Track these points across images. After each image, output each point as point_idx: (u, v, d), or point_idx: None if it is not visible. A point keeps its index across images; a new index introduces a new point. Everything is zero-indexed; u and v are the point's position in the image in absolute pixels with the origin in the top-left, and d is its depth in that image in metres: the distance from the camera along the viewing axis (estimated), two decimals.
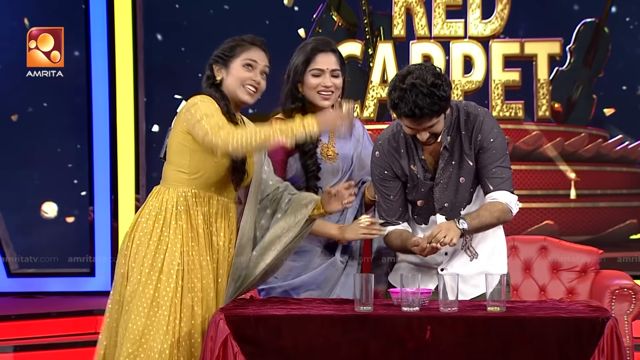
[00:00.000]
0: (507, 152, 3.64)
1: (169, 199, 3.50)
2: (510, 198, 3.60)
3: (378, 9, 7.53)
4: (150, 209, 3.51)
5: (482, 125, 3.61)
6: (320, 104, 3.81)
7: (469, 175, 3.64)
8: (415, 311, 3.21)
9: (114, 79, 7.44)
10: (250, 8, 7.48)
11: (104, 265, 7.40)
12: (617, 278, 4.67)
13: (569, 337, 3.06)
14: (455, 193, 3.66)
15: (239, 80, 3.54)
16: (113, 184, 7.45)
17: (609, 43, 7.31)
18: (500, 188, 3.59)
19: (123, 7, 7.44)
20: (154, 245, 3.44)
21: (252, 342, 3.18)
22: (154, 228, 3.46)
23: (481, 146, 3.60)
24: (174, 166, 3.54)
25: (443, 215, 3.68)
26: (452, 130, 3.63)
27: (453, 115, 3.64)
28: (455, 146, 3.64)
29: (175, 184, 3.52)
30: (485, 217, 3.55)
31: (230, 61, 3.55)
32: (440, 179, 3.65)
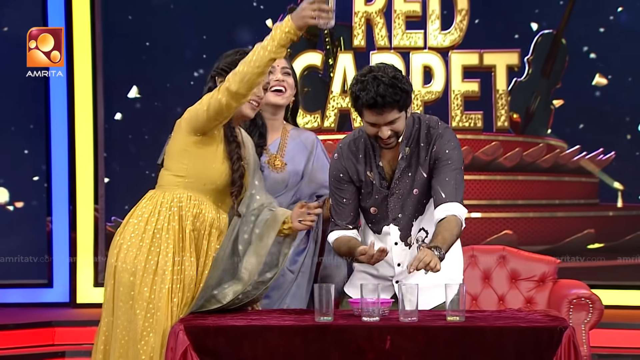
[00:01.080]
0: (461, 168, 3.63)
1: (164, 201, 3.49)
2: (463, 211, 3.58)
3: (338, 20, 7.53)
4: (142, 211, 3.50)
5: (440, 138, 3.63)
6: (274, 100, 3.84)
7: (422, 186, 3.65)
8: (376, 321, 3.21)
9: (72, 89, 7.38)
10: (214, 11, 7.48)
11: (62, 276, 7.33)
12: (575, 287, 4.71)
13: (527, 346, 3.09)
14: (408, 204, 3.66)
15: None
16: (71, 194, 7.38)
17: (567, 54, 7.39)
18: (453, 200, 3.57)
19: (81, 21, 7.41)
20: (146, 247, 3.43)
21: (212, 353, 3.16)
22: (146, 230, 3.45)
23: (437, 157, 3.61)
24: (171, 171, 3.53)
25: (396, 226, 3.69)
26: (411, 141, 3.65)
27: (414, 127, 3.65)
28: (413, 158, 3.65)
29: (171, 188, 3.52)
30: (449, 239, 3.51)
31: None
32: (396, 189, 3.66)
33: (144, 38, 7.54)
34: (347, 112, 7.40)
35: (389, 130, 3.54)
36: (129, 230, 3.48)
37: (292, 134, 3.93)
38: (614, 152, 7.35)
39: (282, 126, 3.93)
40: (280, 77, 3.83)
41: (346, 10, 7.47)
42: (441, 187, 3.58)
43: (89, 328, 6.52)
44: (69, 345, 6.47)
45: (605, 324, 5.35)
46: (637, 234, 7.31)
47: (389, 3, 7.40)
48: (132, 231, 3.47)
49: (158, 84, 7.55)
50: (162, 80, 7.53)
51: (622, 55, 7.32)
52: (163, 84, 7.53)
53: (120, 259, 3.45)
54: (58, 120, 7.40)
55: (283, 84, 3.83)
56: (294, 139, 3.92)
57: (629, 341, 6.34)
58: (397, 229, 3.69)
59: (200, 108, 3.42)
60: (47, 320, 6.66)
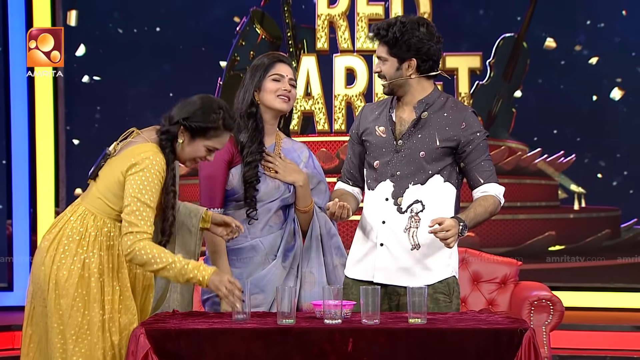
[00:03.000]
0: (488, 147, 3.77)
1: (94, 225, 3.46)
2: (500, 189, 3.72)
3: (301, 22, 7.57)
4: (73, 232, 3.46)
5: (469, 117, 3.73)
6: (279, 106, 3.89)
7: (430, 151, 3.70)
8: (338, 324, 3.22)
9: (33, 90, 7.33)
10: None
11: (22, 279, 7.26)
12: (536, 289, 4.75)
13: (488, 348, 3.10)
14: (410, 165, 3.71)
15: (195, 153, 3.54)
16: (32, 196, 7.32)
17: (528, 58, 7.45)
18: (490, 180, 3.71)
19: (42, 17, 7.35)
20: (76, 272, 3.41)
21: (173, 357, 3.14)
22: (77, 253, 3.43)
23: (467, 140, 3.69)
24: (105, 199, 3.48)
25: (392, 182, 3.72)
26: (432, 106, 3.73)
27: (440, 98, 3.76)
28: (430, 122, 3.71)
29: (102, 215, 3.48)
30: (480, 215, 3.66)
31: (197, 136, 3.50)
32: (403, 147, 3.72)
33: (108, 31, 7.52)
34: (310, 114, 7.41)
35: (379, 67, 3.75)
36: (60, 250, 3.44)
37: (285, 142, 4.00)
38: (574, 155, 7.42)
39: (275, 133, 3.98)
40: (288, 87, 3.91)
41: (309, 13, 7.48)
42: (478, 173, 3.71)
43: None
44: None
45: (565, 326, 5.40)
46: (597, 236, 7.39)
47: (352, 6, 7.42)
48: (63, 252, 3.44)
49: (121, 89, 7.53)
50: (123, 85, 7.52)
51: (585, 58, 7.40)
52: (125, 89, 7.52)
53: (52, 278, 3.42)
54: (18, 122, 7.34)
55: (289, 94, 3.91)
56: (287, 148, 3.98)
57: (590, 342, 6.40)
58: (392, 185, 3.73)
59: (131, 203, 3.38)
60: (7, 324, 6.60)
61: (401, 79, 3.72)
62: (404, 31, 3.67)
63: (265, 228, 3.85)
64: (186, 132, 3.48)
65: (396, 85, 3.74)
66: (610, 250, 7.34)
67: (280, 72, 3.89)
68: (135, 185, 3.40)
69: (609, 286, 7.22)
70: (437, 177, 3.71)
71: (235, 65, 7.62)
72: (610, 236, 7.41)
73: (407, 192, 3.71)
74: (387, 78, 3.74)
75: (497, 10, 7.51)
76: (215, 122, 3.47)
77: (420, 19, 3.73)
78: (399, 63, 3.72)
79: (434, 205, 3.69)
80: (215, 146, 3.51)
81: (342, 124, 7.44)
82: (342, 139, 7.43)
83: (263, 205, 3.85)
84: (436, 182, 3.71)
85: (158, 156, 3.44)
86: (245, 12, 7.58)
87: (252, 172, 3.83)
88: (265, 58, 3.94)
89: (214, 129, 3.48)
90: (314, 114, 7.45)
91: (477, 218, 3.65)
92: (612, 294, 7.19)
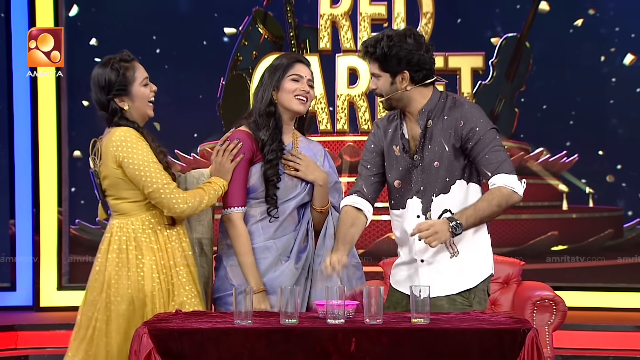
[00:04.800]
0: (496, 137, 3.65)
1: (135, 228, 3.67)
2: (509, 179, 3.60)
3: (304, 22, 7.57)
4: (119, 243, 3.65)
5: (466, 113, 3.67)
6: (297, 108, 3.90)
7: (442, 159, 3.68)
8: (340, 323, 3.22)
9: (35, 90, 7.33)
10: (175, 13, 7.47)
11: (25, 279, 7.27)
12: (539, 289, 4.74)
13: (491, 348, 3.10)
14: (430, 177, 3.70)
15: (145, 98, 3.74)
16: (35, 196, 7.33)
17: (530, 57, 7.44)
18: (498, 172, 3.61)
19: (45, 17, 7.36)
20: (134, 276, 3.62)
21: (176, 356, 3.14)
22: (129, 260, 3.63)
23: (467, 136, 3.64)
24: (124, 200, 3.69)
25: (419, 198, 3.72)
26: (434, 113, 3.70)
27: (440, 100, 3.72)
28: (435, 130, 3.69)
29: (136, 213, 3.68)
30: (483, 210, 3.60)
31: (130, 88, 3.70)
32: (419, 161, 3.71)
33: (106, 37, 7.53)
34: (313, 114, 7.41)
35: (374, 84, 3.75)
36: (112, 265, 3.64)
37: (301, 140, 4.00)
38: (577, 155, 7.42)
39: (292, 132, 4.00)
40: (307, 88, 3.92)
41: (312, 13, 7.48)
42: (484, 167, 3.63)
43: (52, 332, 6.49)
44: (32, 349, 6.42)
45: (568, 326, 5.39)
46: (600, 236, 7.39)
47: (354, 6, 7.42)
48: (115, 265, 3.63)
49: None
50: None
51: (584, 58, 7.40)
52: None
53: (112, 293, 3.61)
54: (21, 122, 7.34)
55: (307, 95, 3.92)
56: (304, 147, 3.99)
57: (592, 342, 6.40)
58: (420, 201, 3.72)
59: (142, 176, 3.61)
60: (10, 324, 6.60)
61: (397, 93, 3.70)
62: (391, 45, 3.64)
63: (279, 229, 3.85)
64: (122, 97, 3.68)
65: (394, 99, 3.72)
66: (612, 250, 7.34)
67: (299, 73, 3.90)
68: (132, 160, 3.59)
69: (611, 286, 7.22)
70: (459, 183, 3.69)
71: (237, 65, 7.63)
72: (613, 236, 7.41)
73: (434, 204, 3.70)
74: (382, 93, 3.72)
75: (500, 10, 7.51)
76: (125, 69, 3.68)
77: (407, 30, 3.70)
78: (392, 77, 3.69)
79: None
80: (143, 77, 3.70)
81: (345, 124, 7.44)
82: (345, 138, 7.43)
83: (279, 206, 3.86)
84: (460, 187, 3.69)
85: (126, 130, 3.64)
86: (249, 12, 7.59)
87: (273, 170, 3.84)
88: (284, 58, 3.94)
89: (131, 72, 3.69)
90: (316, 114, 7.45)
91: (478, 213, 3.59)
92: (615, 294, 7.19)
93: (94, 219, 7.42)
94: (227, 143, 3.79)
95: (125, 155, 3.60)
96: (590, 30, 7.42)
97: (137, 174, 3.59)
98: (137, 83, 3.69)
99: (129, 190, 3.65)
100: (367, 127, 7.38)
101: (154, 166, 3.61)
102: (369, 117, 7.39)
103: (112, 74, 3.67)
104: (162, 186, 3.59)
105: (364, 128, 7.40)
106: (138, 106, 3.70)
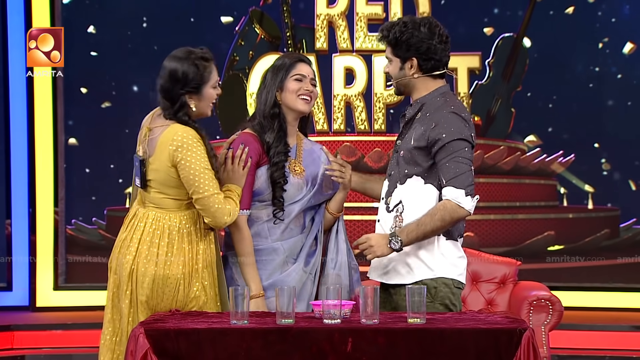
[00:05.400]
0: (464, 149, 3.61)
1: (171, 225, 3.66)
2: (457, 193, 3.57)
3: (300, 22, 7.56)
4: (152, 236, 3.65)
5: (441, 117, 3.65)
6: (301, 107, 3.89)
7: (407, 151, 3.70)
8: (337, 323, 3.22)
9: (32, 90, 7.32)
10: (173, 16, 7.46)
11: (21, 279, 7.26)
12: (535, 289, 4.74)
13: (487, 348, 3.10)
14: (397, 164, 3.75)
15: (210, 100, 3.74)
16: (31, 196, 7.31)
17: (527, 57, 7.45)
18: (449, 184, 3.59)
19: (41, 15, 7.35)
20: (160, 270, 3.61)
21: (172, 357, 3.15)
22: (158, 255, 3.63)
23: (434, 140, 3.63)
24: (166, 195, 3.68)
25: (388, 182, 3.79)
26: (425, 106, 3.72)
27: (437, 98, 3.73)
28: (417, 124, 3.72)
29: (175, 210, 3.69)
30: (425, 224, 3.60)
31: (202, 88, 3.69)
32: (398, 147, 3.77)
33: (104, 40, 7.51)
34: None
35: (387, 67, 3.82)
36: (142, 256, 3.64)
37: (305, 142, 4.00)
38: (573, 155, 7.42)
39: (296, 133, 3.99)
40: (310, 87, 3.92)
41: (308, 13, 7.48)
42: (441, 173, 3.63)
43: (49, 332, 6.48)
44: (29, 350, 6.41)
45: (565, 325, 5.40)
46: (597, 235, 7.39)
47: (351, 6, 7.42)
48: (144, 257, 3.63)
49: (120, 88, 7.53)
50: (123, 84, 7.52)
51: (583, 59, 7.40)
52: (124, 88, 7.52)
53: (137, 285, 3.63)
54: (17, 122, 7.33)
55: (311, 94, 3.93)
56: (307, 149, 3.99)
57: (589, 342, 6.41)
58: (387, 185, 3.79)
59: (195, 183, 3.60)
60: (6, 324, 6.59)
61: (405, 79, 3.75)
62: (403, 31, 3.69)
63: (286, 231, 3.85)
64: (191, 95, 3.67)
65: (401, 84, 3.78)
66: (609, 250, 7.34)
67: (302, 72, 3.90)
68: (190, 164, 3.58)
69: (608, 286, 7.22)
70: (415, 179, 3.70)
71: (234, 65, 7.62)
72: (610, 236, 7.42)
73: (395, 191, 3.74)
74: (392, 77, 3.80)
75: (497, 9, 7.51)
76: (204, 68, 3.69)
77: (424, 19, 3.74)
78: (401, 63, 3.75)
79: (413, 206, 3.68)
80: (216, 79, 3.72)
81: (342, 124, 7.44)
82: (341, 138, 7.43)
83: (285, 207, 3.85)
84: (415, 183, 3.70)
85: (188, 131, 3.62)
86: (245, 12, 7.58)
87: (279, 173, 3.83)
88: (286, 58, 3.94)
89: (208, 72, 3.69)
90: (313, 114, 7.44)
91: (420, 228, 3.59)
92: (612, 294, 7.19)
93: (91, 219, 7.42)
94: (232, 150, 3.77)
95: (183, 157, 3.58)
96: (585, 24, 7.42)
97: (191, 179, 3.58)
98: (210, 84, 3.69)
99: (177, 189, 3.65)
100: (363, 127, 7.38)
101: (209, 174, 3.60)
102: (365, 117, 7.39)
103: (190, 69, 3.66)
104: (212, 195, 3.59)
105: (361, 128, 7.40)
106: (202, 106, 3.70)
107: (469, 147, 3.63)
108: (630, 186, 7.41)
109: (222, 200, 3.61)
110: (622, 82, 7.41)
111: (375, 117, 7.32)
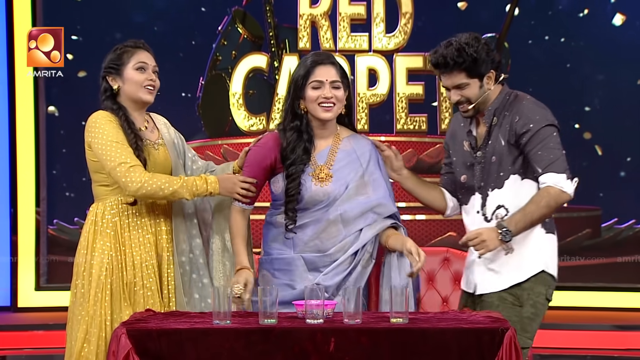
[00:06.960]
0: (552, 134, 3.63)
1: (98, 212, 3.74)
2: (558, 178, 3.59)
3: (283, 22, 7.56)
4: (88, 228, 3.74)
5: (522, 108, 3.67)
6: (322, 116, 3.76)
7: (500, 155, 3.69)
8: (319, 323, 3.22)
9: (13, 90, 7.29)
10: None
11: (2, 279, 7.23)
12: None
13: (469, 347, 3.11)
14: (487, 172, 3.72)
15: (137, 84, 3.77)
16: (12, 196, 7.28)
17: (509, 58, 7.47)
18: (547, 170, 3.60)
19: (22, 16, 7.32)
20: (98, 259, 3.69)
21: (154, 357, 3.14)
22: (95, 243, 3.71)
23: (521, 131, 3.64)
24: (97, 183, 3.78)
25: (480, 194, 3.75)
26: (500, 111, 3.71)
27: (506, 98, 3.73)
28: (497, 127, 3.71)
29: (103, 198, 3.76)
30: (532, 212, 3.60)
31: (122, 69, 3.78)
32: (482, 158, 3.73)
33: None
34: None
35: (458, 95, 3.69)
36: (81, 247, 3.74)
37: (344, 142, 3.85)
38: None
39: (334, 134, 3.85)
40: (329, 94, 3.75)
41: (291, 13, 7.48)
42: (535, 162, 3.63)
43: (30, 332, 6.45)
44: (10, 350, 6.38)
45: (546, 325, 5.40)
46: (578, 235, 7.42)
47: (334, 6, 7.42)
48: (83, 248, 3.73)
49: None
50: None
51: (565, 59, 7.44)
52: None
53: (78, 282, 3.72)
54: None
55: (332, 100, 3.75)
56: (346, 149, 3.83)
57: (570, 342, 6.43)
58: (480, 197, 3.76)
59: (106, 155, 3.66)
60: None
61: (484, 95, 3.71)
62: (478, 49, 3.64)
63: (313, 242, 3.76)
64: (111, 75, 3.78)
65: (481, 103, 3.72)
66: (590, 250, 7.37)
67: (319, 78, 3.75)
68: (97, 140, 3.67)
69: (589, 285, 7.25)
70: (513, 178, 3.70)
71: (217, 64, 7.61)
72: (591, 236, 7.45)
73: (488, 199, 3.73)
74: (472, 100, 3.70)
75: (479, 10, 7.53)
76: (121, 48, 3.79)
77: (472, 34, 3.71)
78: (480, 81, 3.69)
79: (517, 205, 3.67)
80: (140, 61, 3.77)
81: None
82: None
83: (310, 214, 3.75)
84: (513, 183, 3.70)
85: (99, 113, 3.74)
86: (227, 12, 7.57)
87: (293, 184, 3.73)
88: (302, 67, 3.79)
89: (126, 52, 3.78)
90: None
91: (527, 217, 3.59)
92: (593, 294, 7.23)
93: (72, 219, 7.39)
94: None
95: (92, 137, 3.69)
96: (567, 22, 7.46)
97: (100, 153, 3.67)
98: (130, 65, 3.76)
99: (98, 173, 3.74)
100: None
101: (116, 146, 3.65)
102: None
103: (111, 54, 3.80)
104: (119, 165, 3.63)
105: None
106: (130, 89, 3.77)
107: (557, 132, 3.67)
108: (611, 186, 7.44)
109: (130, 168, 3.63)
110: (606, 87, 7.45)
111: (359, 117, 7.32)
